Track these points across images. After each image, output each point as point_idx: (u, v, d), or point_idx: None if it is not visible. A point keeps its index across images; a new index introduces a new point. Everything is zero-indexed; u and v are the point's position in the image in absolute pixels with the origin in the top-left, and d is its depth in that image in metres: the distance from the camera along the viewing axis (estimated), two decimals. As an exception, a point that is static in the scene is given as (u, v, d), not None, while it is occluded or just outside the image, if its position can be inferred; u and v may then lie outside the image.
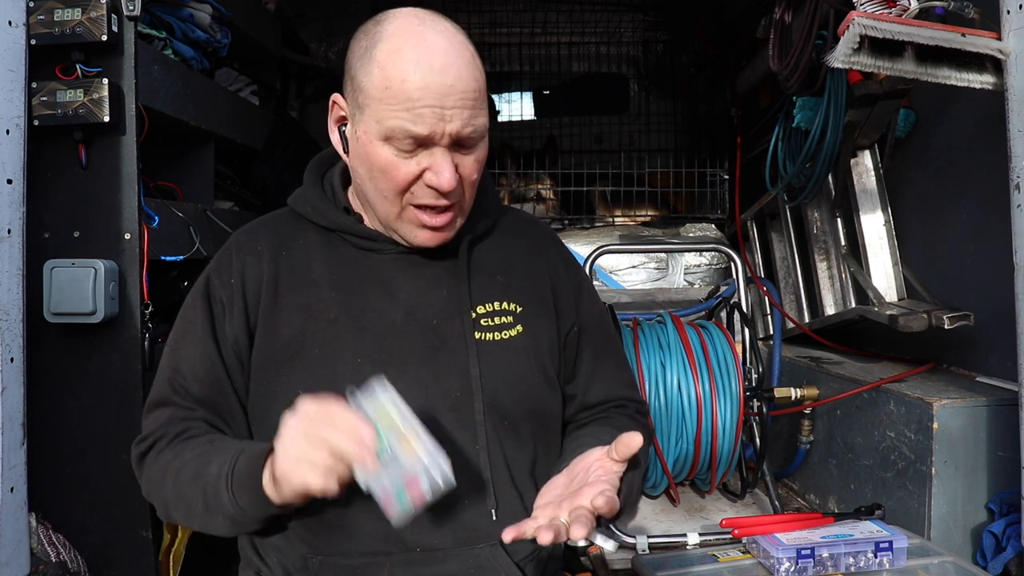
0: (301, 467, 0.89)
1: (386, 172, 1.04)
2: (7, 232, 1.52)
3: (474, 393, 1.09)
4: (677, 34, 4.25)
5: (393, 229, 1.11)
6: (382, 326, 1.10)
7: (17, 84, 1.56)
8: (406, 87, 0.99)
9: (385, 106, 1.00)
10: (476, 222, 1.19)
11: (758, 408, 2.15)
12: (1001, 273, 1.58)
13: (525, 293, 1.19)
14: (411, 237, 1.10)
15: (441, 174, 1.02)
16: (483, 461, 1.08)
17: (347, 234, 1.14)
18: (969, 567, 1.60)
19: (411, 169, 1.03)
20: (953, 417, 1.71)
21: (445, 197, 1.05)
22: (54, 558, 1.58)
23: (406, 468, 0.89)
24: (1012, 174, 1.46)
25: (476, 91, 1.03)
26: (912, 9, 1.57)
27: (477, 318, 1.13)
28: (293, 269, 1.13)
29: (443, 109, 0.99)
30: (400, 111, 0.99)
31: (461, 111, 1.01)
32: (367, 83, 1.02)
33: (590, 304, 1.28)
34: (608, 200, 3.37)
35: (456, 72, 1.00)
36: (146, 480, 1.10)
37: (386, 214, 1.09)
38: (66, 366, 1.66)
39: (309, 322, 1.10)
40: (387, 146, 1.02)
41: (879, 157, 2.32)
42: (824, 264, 2.62)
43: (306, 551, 1.08)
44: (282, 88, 3.50)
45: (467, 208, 1.12)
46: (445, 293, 1.13)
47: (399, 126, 1.00)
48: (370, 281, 1.12)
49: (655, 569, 1.65)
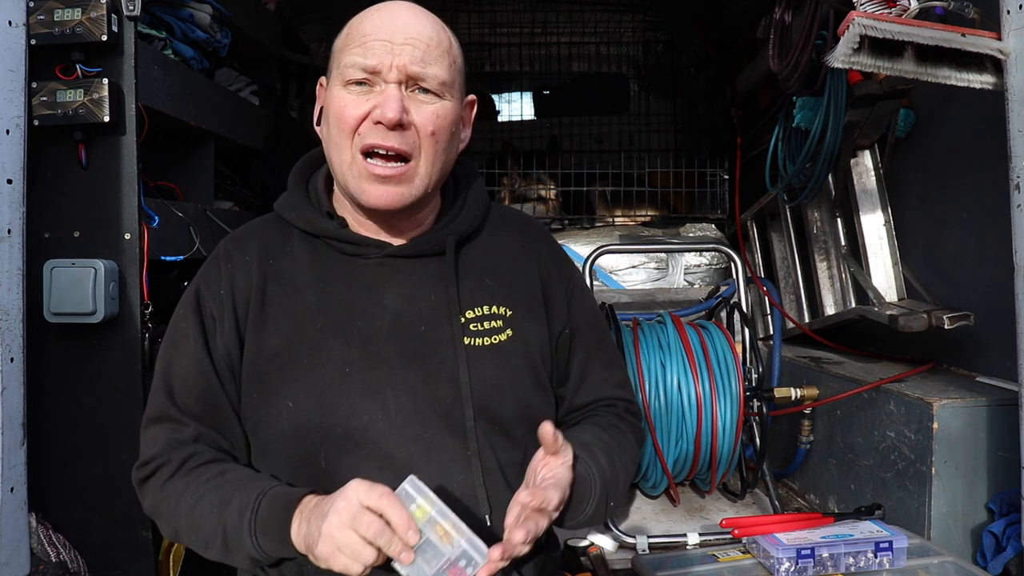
0: (343, 557, 0.90)
1: (339, 114, 1.06)
2: (7, 232, 1.52)
3: (464, 399, 1.08)
4: (677, 34, 4.25)
5: (348, 190, 1.09)
6: (369, 333, 1.09)
7: (17, 84, 1.56)
8: (362, 28, 1.07)
9: (345, 52, 1.07)
10: (462, 221, 1.18)
11: (758, 408, 2.15)
12: (1001, 273, 1.58)
13: (515, 296, 1.17)
14: (362, 193, 1.07)
15: (386, 104, 1.02)
16: (475, 466, 1.08)
17: (331, 239, 1.13)
18: (969, 567, 1.60)
19: (361, 107, 1.04)
20: (953, 417, 1.71)
21: (394, 139, 1.04)
22: (54, 558, 1.58)
23: (446, 555, 0.94)
24: (1012, 174, 1.46)
25: (433, 39, 1.07)
26: (912, 9, 1.57)
27: (466, 323, 1.12)
28: (279, 278, 1.13)
29: (392, 44, 1.04)
30: (355, 48, 1.06)
31: (413, 49, 1.04)
32: (337, 43, 1.10)
33: (582, 304, 1.26)
34: (608, 200, 3.38)
35: (411, 19, 1.07)
36: (151, 507, 1.09)
37: (341, 168, 1.08)
38: (66, 366, 1.66)
39: (296, 332, 1.09)
40: (343, 89, 1.06)
41: (879, 157, 2.32)
42: (824, 264, 2.62)
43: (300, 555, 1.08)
44: (282, 88, 3.50)
45: (429, 174, 1.08)
46: (433, 298, 1.12)
47: (351, 60, 1.05)
48: (356, 287, 1.11)
49: (655, 569, 1.66)
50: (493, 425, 1.10)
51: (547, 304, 1.20)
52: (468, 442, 1.08)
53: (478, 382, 1.09)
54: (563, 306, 1.22)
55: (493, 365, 1.11)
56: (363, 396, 1.07)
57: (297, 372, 1.07)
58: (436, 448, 1.07)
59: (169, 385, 1.10)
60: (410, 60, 1.04)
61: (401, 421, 1.06)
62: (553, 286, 1.22)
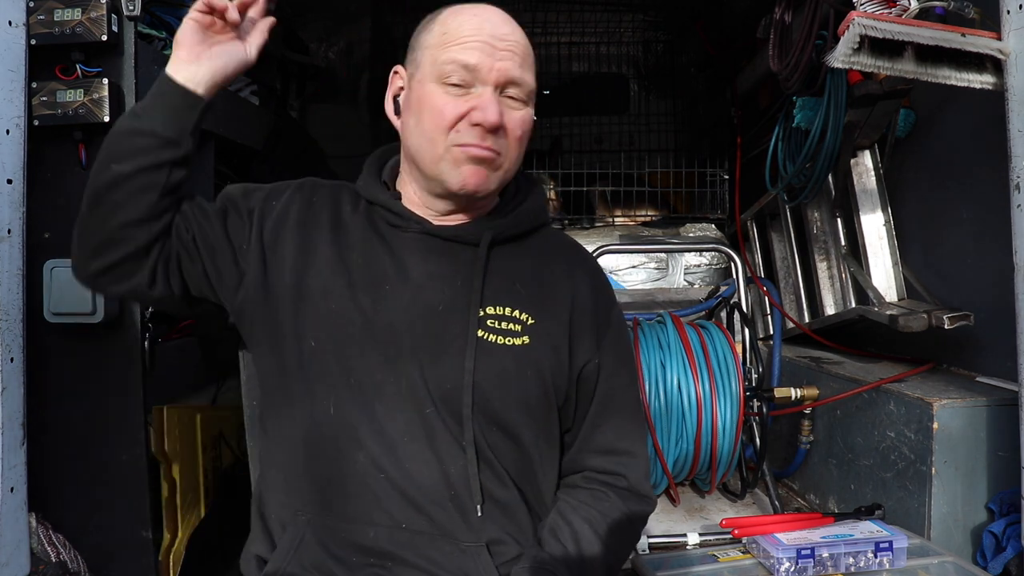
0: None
1: (435, 110, 1.08)
2: (7, 232, 1.52)
3: (464, 387, 1.08)
4: (677, 34, 4.26)
5: (436, 176, 1.11)
6: (391, 300, 1.12)
7: (17, 84, 1.56)
8: (462, 29, 1.09)
9: (441, 48, 1.09)
10: (507, 223, 1.18)
11: (758, 408, 2.15)
12: (1001, 273, 1.58)
13: (540, 309, 1.16)
14: (454, 177, 1.10)
15: (487, 109, 1.06)
16: (469, 455, 1.08)
17: (382, 208, 1.17)
18: (969, 567, 1.60)
19: (459, 107, 1.07)
20: (953, 417, 1.71)
21: (491, 141, 1.08)
22: (54, 558, 1.58)
23: None
24: (1012, 174, 1.46)
25: (526, 49, 1.11)
26: (912, 9, 1.57)
27: (484, 317, 1.12)
28: (333, 229, 1.17)
29: (494, 48, 1.07)
30: (454, 46, 1.08)
31: (512, 55, 1.08)
32: (428, 39, 1.12)
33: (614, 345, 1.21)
34: (608, 200, 3.37)
35: (506, 25, 1.11)
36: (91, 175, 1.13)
37: (431, 158, 1.11)
38: (66, 366, 1.66)
39: (335, 277, 1.13)
40: (439, 86, 1.08)
41: (879, 157, 2.32)
42: (824, 264, 2.62)
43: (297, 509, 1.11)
44: (282, 88, 3.50)
45: (507, 171, 1.13)
46: (458, 283, 1.13)
47: (451, 57, 1.07)
48: (390, 255, 1.15)
49: (655, 569, 1.66)
50: (492, 421, 1.10)
51: (572, 328, 1.17)
52: (464, 431, 1.08)
53: (482, 373, 1.09)
54: (592, 338, 1.19)
55: (501, 363, 1.11)
56: (377, 354, 1.09)
57: (327, 316, 1.11)
58: (435, 428, 1.08)
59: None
60: (511, 65, 1.08)
61: (407, 391, 1.08)
62: (583, 315, 1.19)
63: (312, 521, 1.09)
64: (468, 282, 1.14)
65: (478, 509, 1.08)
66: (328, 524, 1.09)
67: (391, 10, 3.97)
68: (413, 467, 1.07)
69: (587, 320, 1.19)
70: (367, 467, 1.07)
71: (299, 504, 1.11)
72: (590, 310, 1.20)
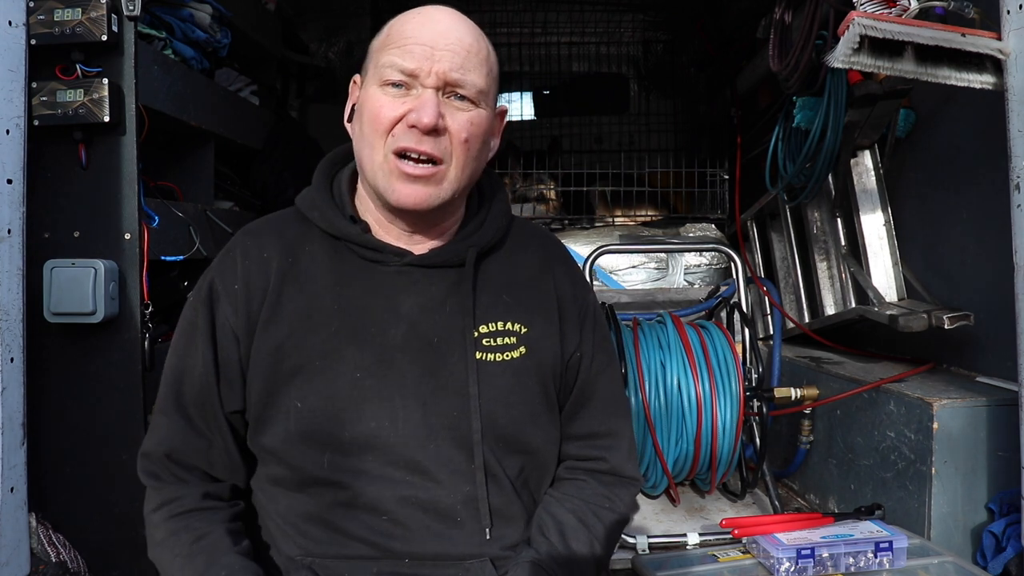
0: None
1: (372, 112, 1.06)
2: (7, 232, 1.52)
3: (471, 413, 1.08)
4: (677, 34, 4.26)
5: (378, 188, 1.08)
6: (383, 340, 1.09)
7: (17, 84, 1.56)
8: (403, 31, 1.07)
9: (383, 52, 1.07)
10: (484, 233, 1.17)
11: (758, 408, 2.15)
12: (1001, 273, 1.58)
13: (531, 313, 1.16)
14: (392, 192, 1.06)
15: (422, 109, 1.02)
16: (478, 480, 1.08)
17: (353, 244, 1.12)
18: (969, 567, 1.60)
19: (397, 109, 1.05)
20: (953, 417, 1.71)
21: (428, 144, 1.04)
22: (54, 558, 1.58)
23: None
24: (1012, 174, 1.46)
25: (473, 47, 1.07)
26: (912, 9, 1.57)
27: (479, 337, 1.11)
28: (298, 279, 1.12)
29: (433, 49, 1.04)
30: (394, 49, 1.06)
31: (452, 56, 1.05)
32: (375, 43, 1.11)
33: (592, 332, 1.22)
34: (608, 200, 3.38)
35: (452, 25, 1.07)
36: (150, 544, 1.10)
37: (371, 167, 1.08)
38: (66, 366, 1.66)
39: (310, 333, 1.09)
40: (379, 89, 1.06)
41: (879, 157, 2.32)
42: (824, 264, 2.62)
43: (297, 552, 1.08)
44: (282, 88, 3.50)
45: (458, 179, 1.08)
46: (449, 310, 1.11)
47: (390, 60, 1.05)
48: (373, 294, 1.11)
49: (655, 569, 1.66)
50: (499, 441, 1.10)
51: (561, 324, 1.18)
52: (474, 455, 1.07)
53: (487, 397, 1.09)
54: (576, 328, 1.20)
55: (504, 381, 1.11)
56: (372, 403, 1.07)
57: (308, 374, 1.07)
58: (441, 460, 1.07)
59: (177, 379, 1.12)
60: (449, 67, 1.04)
61: (408, 431, 1.06)
62: (568, 307, 1.20)
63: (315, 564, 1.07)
64: (458, 305, 1.12)
65: (487, 532, 1.08)
66: (329, 565, 1.07)
67: (391, 10, 3.96)
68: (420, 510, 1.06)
69: (572, 312, 1.20)
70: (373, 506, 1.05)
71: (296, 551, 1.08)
72: (572, 301, 1.20)
